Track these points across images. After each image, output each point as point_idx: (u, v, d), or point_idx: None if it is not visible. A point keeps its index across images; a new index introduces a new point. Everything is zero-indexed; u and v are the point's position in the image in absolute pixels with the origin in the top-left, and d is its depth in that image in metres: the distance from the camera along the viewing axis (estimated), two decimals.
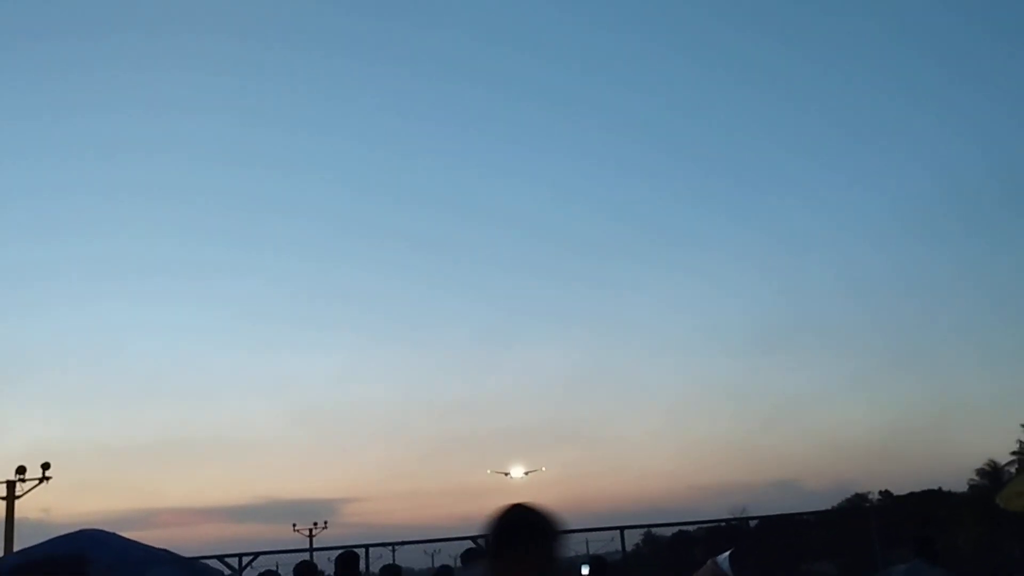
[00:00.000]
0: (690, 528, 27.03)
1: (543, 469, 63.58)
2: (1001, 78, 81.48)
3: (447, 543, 18.98)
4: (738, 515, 26.53)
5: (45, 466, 30.46)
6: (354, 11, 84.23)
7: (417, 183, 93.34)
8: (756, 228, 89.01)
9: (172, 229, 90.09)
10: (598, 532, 20.43)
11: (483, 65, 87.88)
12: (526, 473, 62.18)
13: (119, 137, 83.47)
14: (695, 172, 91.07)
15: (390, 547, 19.40)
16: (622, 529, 19.18)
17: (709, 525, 25.57)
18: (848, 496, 53.75)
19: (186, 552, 16.47)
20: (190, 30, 79.08)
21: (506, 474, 62.14)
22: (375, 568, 13.19)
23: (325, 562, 15.20)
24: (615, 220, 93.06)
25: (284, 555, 17.59)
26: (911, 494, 50.71)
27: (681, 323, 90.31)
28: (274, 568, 15.20)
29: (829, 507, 42.67)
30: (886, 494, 52.57)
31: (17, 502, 29.82)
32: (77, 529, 15.34)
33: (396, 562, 17.54)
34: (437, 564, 19.24)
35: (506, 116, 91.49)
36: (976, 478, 48.35)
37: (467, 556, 10.21)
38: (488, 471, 63.33)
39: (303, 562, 13.73)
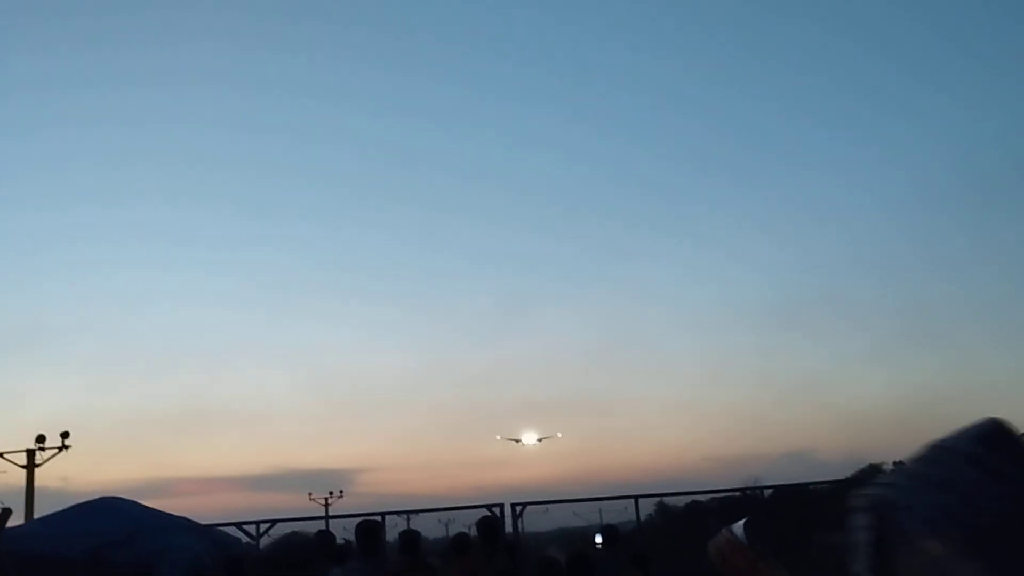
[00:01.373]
0: (703, 498, 27.05)
1: (558, 435, 62.75)
2: (1019, 54, 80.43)
3: (462, 511, 19.06)
4: (752, 485, 26.51)
5: (64, 435, 30.74)
6: None
7: (433, 149, 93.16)
8: (775, 198, 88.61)
9: (192, 198, 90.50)
10: (611, 501, 20.49)
11: (502, 31, 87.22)
12: (539, 440, 61.26)
13: (141, 105, 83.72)
14: (716, 140, 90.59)
15: (405, 515, 19.53)
16: (636, 498, 19.19)
17: (722, 495, 25.57)
18: (862, 467, 53.69)
19: (204, 520, 16.66)
20: (202, 3, 78.83)
21: (517, 441, 61.23)
22: (390, 536, 13.25)
23: (341, 530, 15.30)
24: (635, 187, 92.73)
25: (300, 523, 17.73)
26: None
27: (698, 293, 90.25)
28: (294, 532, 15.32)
29: (843, 477, 42.60)
30: (900, 464, 52.49)
31: (37, 471, 30.18)
32: (96, 497, 15.53)
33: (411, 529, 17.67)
34: (452, 533, 19.36)
35: (524, 80, 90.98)
36: None
37: (482, 525, 10.23)
38: (498, 437, 62.94)
39: (321, 531, 13.83)
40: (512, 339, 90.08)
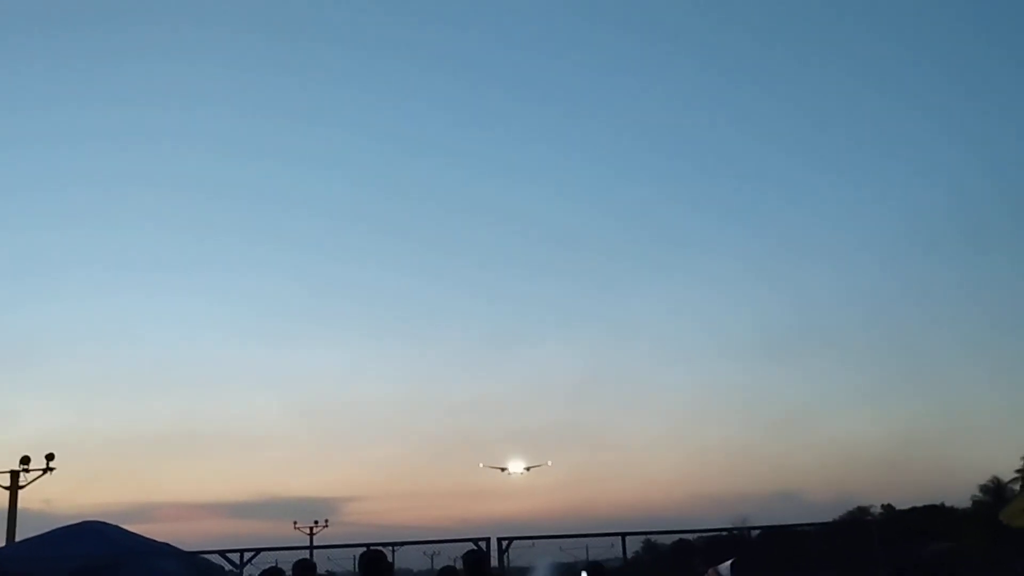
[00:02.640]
0: (691, 537, 27.00)
1: (549, 463, 60.49)
2: (1013, 97, 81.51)
3: (447, 544, 18.95)
4: (739, 524, 26.45)
5: (49, 457, 30.47)
6: (375, 9, 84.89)
7: (428, 182, 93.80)
8: (766, 236, 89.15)
9: (185, 222, 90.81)
10: (598, 538, 20.39)
11: (494, 66, 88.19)
12: (528, 468, 58.97)
13: (138, 128, 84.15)
14: (705, 177, 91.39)
15: (390, 547, 19.40)
16: (623, 535, 19.12)
17: (710, 534, 25.47)
18: (850, 509, 53.63)
19: (186, 547, 16.56)
20: (205, 23, 79.57)
21: (503, 469, 58.78)
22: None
23: (325, 561, 15.21)
24: (624, 223, 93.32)
25: (285, 552, 17.59)
26: (913, 508, 50.56)
27: (688, 329, 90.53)
28: (274, 564, 15.18)
29: (831, 519, 42.53)
30: (888, 507, 52.41)
31: (20, 492, 29.85)
32: (79, 521, 15.42)
33: (395, 563, 17.53)
34: (437, 565, 19.23)
35: (517, 116, 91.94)
36: (979, 494, 48.17)
37: (468, 559, 10.18)
38: (481, 465, 60.53)
39: (301, 560, 13.71)
40: (501, 372, 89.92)
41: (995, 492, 46.45)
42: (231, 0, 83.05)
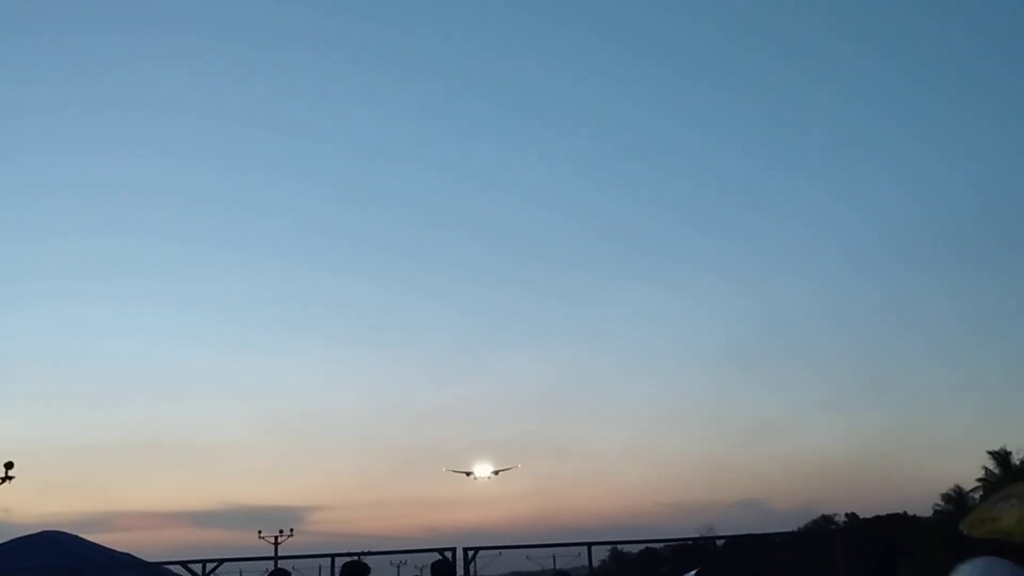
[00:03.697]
0: (657, 546, 27.06)
1: (518, 466, 58.58)
2: (992, 106, 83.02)
3: (414, 554, 18.85)
4: (705, 534, 26.61)
5: (8, 465, 29.85)
6: (345, 18, 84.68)
7: (396, 189, 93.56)
8: (736, 245, 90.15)
9: (149, 228, 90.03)
10: (565, 548, 20.40)
11: (467, 75, 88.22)
12: (495, 472, 56.80)
13: (100, 135, 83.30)
14: (678, 186, 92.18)
15: (356, 556, 19.29)
16: (589, 545, 19.14)
17: (676, 543, 25.57)
18: (815, 517, 54.20)
19: (149, 557, 16.32)
20: (178, 30, 78.94)
21: (468, 474, 56.46)
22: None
23: (290, 570, 15.05)
24: (595, 232, 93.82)
25: (248, 563, 17.39)
26: (877, 517, 51.10)
27: (656, 338, 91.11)
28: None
29: (796, 528, 42.94)
30: (852, 516, 52.98)
31: None
32: (39, 531, 15.14)
33: None
34: (404, 575, 19.14)
35: (489, 125, 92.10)
36: (941, 503, 48.75)
37: (436, 569, 10.15)
38: (444, 469, 58.14)
39: (278, 569, 13.57)
40: (468, 380, 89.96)
41: (957, 501, 47.05)
42: (202, 8, 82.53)
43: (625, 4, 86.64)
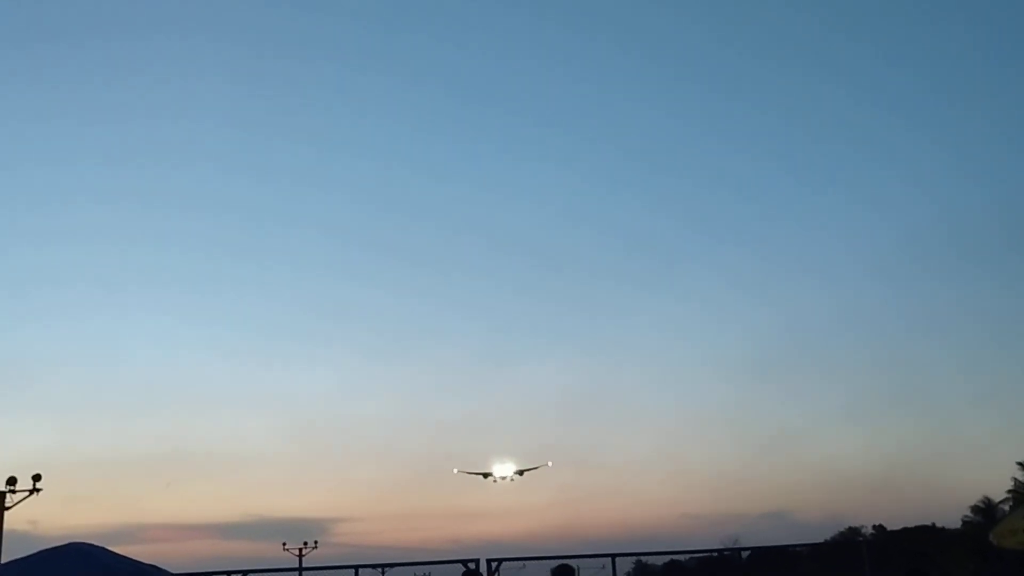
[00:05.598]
0: (682, 557, 26.88)
1: (549, 464, 54.73)
2: (1007, 112, 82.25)
3: (438, 566, 18.82)
4: (730, 546, 26.37)
5: (36, 477, 30.15)
6: (372, 28, 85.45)
7: (420, 201, 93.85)
8: (756, 254, 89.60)
9: (174, 240, 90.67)
10: (589, 559, 20.30)
11: (484, 85, 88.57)
12: (520, 472, 52.90)
13: (125, 145, 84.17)
14: (695, 194, 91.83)
15: (380, 569, 19.28)
16: (613, 556, 19.09)
17: (701, 555, 25.40)
18: (841, 529, 53.52)
19: (175, 569, 16.42)
20: (202, 39, 79.79)
21: (486, 476, 52.73)
22: None
23: None
24: (617, 242, 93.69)
25: (273, 574, 17.45)
26: (904, 529, 50.48)
27: (678, 348, 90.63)
28: None
29: (822, 540, 42.45)
30: (879, 528, 52.34)
31: (6, 513, 29.54)
32: (66, 543, 15.26)
33: None
34: None
35: (512, 137, 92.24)
36: (970, 515, 48.09)
37: None
38: (455, 471, 54.76)
39: None
40: (491, 391, 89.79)
41: (986, 512, 46.39)
42: (219, 15, 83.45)
43: (649, 14, 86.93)
